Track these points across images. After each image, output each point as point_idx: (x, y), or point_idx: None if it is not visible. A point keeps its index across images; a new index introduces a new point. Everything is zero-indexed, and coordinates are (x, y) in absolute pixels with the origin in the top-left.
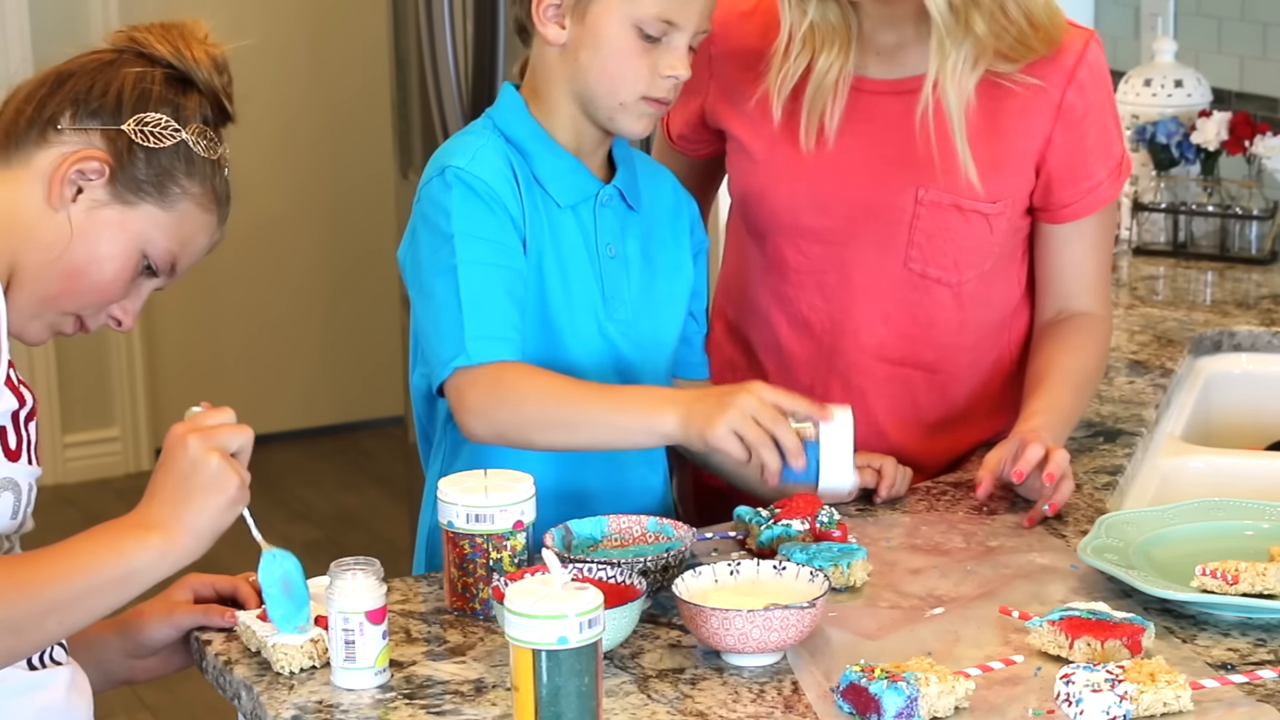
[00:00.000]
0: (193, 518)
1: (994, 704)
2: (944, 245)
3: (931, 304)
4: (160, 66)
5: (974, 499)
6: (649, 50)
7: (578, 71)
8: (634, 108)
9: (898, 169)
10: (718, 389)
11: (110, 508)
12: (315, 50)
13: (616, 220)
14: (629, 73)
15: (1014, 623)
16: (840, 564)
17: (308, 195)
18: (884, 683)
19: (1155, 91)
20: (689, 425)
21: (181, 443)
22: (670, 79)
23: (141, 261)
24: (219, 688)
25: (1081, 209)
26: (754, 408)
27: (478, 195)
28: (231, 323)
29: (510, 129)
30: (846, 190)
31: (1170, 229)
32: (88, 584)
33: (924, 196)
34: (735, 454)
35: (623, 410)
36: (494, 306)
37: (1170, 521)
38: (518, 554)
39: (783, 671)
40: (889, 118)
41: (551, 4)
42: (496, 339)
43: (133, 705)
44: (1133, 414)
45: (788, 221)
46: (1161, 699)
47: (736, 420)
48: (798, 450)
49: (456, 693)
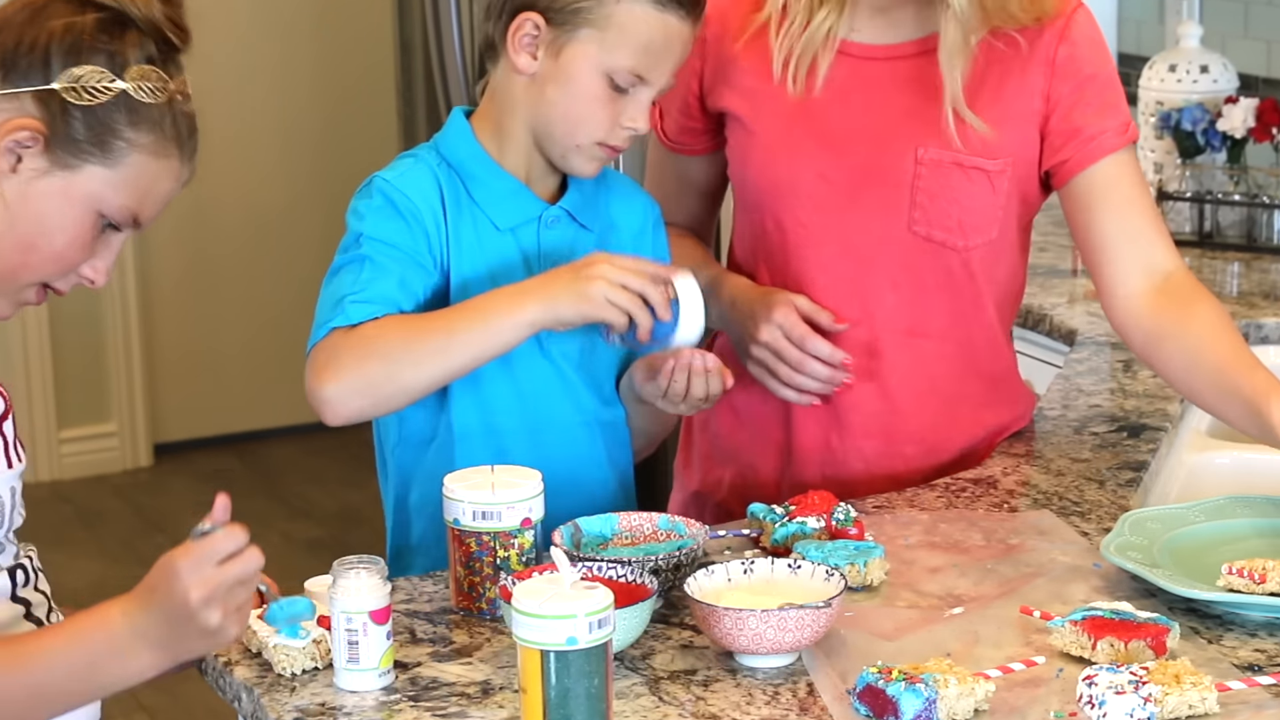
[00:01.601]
0: (178, 656)
1: (1015, 706)
2: (947, 205)
3: (940, 270)
4: (91, 9)
5: (995, 495)
6: (615, 100)
7: (540, 105)
8: (588, 150)
9: (896, 130)
10: (563, 268)
11: (107, 505)
12: (318, 35)
13: (564, 241)
14: (591, 119)
15: (1035, 623)
16: (857, 562)
17: (310, 184)
18: (902, 684)
19: (1180, 77)
20: (555, 305)
21: (184, 597)
22: (629, 130)
23: (99, 222)
24: (218, 690)
25: (1093, 152)
26: (616, 274)
27: (395, 208)
28: (231, 314)
29: (452, 153)
30: (846, 155)
31: (1196, 219)
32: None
33: (924, 156)
34: (617, 321)
35: (484, 315)
36: (383, 282)
37: (1196, 519)
38: (525, 552)
39: (798, 673)
40: (882, 82)
41: (528, 33)
42: (375, 301)
43: (130, 707)
44: (1157, 408)
45: (787, 191)
46: (1187, 701)
47: (606, 288)
48: (665, 304)
49: (463, 695)
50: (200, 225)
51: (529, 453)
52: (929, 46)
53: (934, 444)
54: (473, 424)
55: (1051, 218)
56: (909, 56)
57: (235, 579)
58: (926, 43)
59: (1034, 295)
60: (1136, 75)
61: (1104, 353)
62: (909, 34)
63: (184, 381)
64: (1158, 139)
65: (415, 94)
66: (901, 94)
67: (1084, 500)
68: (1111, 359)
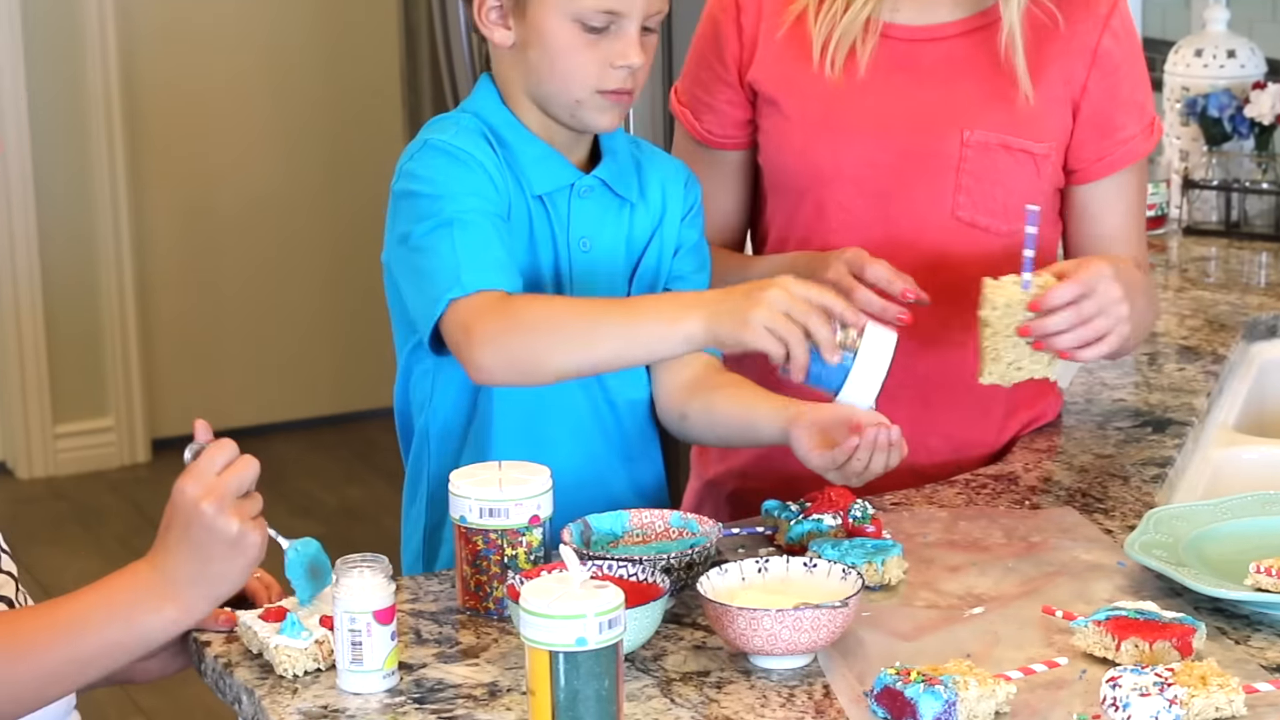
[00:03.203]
0: (212, 585)
1: (1036, 708)
2: (992, 188)
3: (981, 257)
4: None
5: (1016, 492)
6: (596, 43)
7: (529, 72)
8: (591, 102)
9: (941, 113)
10: (741, 287)
11: (104, 502)
12: (321, 21)
13: (597, 212)
14: (578, 69)
15: (1058, 623)
16: (874, 561)
17: (311, 174)
18: (920, 686)
19: (1206, 62)
20: (716, 326)
21: (195, 508)
22: (623, 69)
23: None
24: (218, 691)
25: (1116, 161)
26: (785, 302)
27: (461, 161)
28: (230, 307)
29: (486, 117)
30: (890, 138)
31: (1222, 207)
32: (94, 652)
33: (970, 138)
34: (773, 351)
35: (641, 316)
36: (490, 248)
37: (1222, 516)
38: (534, 550)
39: (813, 674)
40: (926, 64)
41: (492, 6)
42: (493, 269)
43: (128, 709)
44: (1183, 403)
45: (831, 175)
46: (1213, 703)
47: (768, 316)
48: (832, 344)
49: (469, 697)
50: (199, 213)
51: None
52: (971, 26)
53: (963, 440)
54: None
55: None
56: (951, 37)
57: (239, 483)
58: (969, 22)
59: None
60: (1162, 60)
61: None
62: (950, 14)
63: (183, 375)
64: (1183, 126)
65: (420, 80)
66: (946, 75)
67: (1108, 497)
68: (1136, 352)
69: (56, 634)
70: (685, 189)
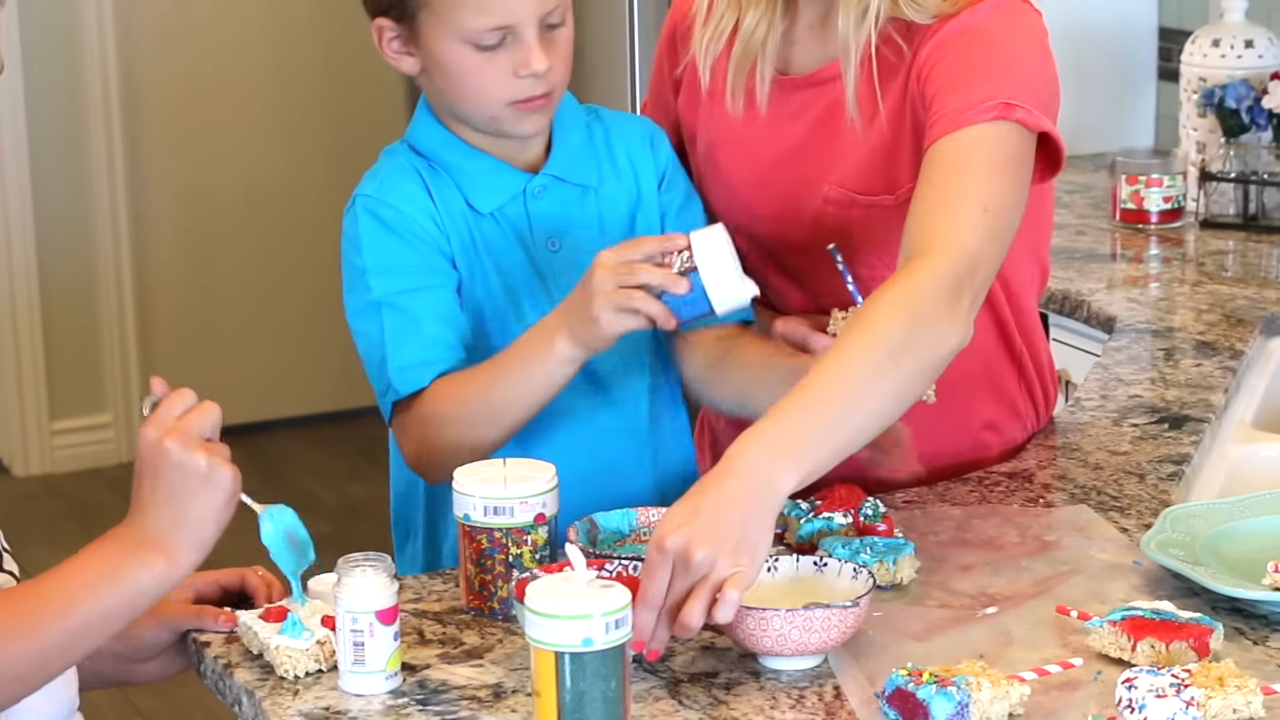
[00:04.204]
0: (193, 528)
1: (1051, 710)
2: (860, 240)
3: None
4: None
5: (1030, 490)
6: (493, 58)
7: (441, 95)
8: (506, 115)
9: (807, 162)
10: (574, 290)
11: (101, 499)
12: (322, 8)
13: (559, 208)
14: (483, 87)
15: (1072, 623)
16: (886, 560)
17: (313, 166)
18: (933, 688)
19: (1224, 52)
20: (575, 337)
21: (160, 449)
22: (528, 77)
23: None
24: (218, 693)
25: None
26: (610, 278)
27: (386, 225)
28: (230, 301)
29: (423, 143)
30: (764, 189)
31: (1240, 200)
32: (88, 619)
33: (829, 193)
34: (636, 325)
35: (523, 364)
36: (416, 334)
37: (1240, 514)
38: (539, 549)
39: (824, 675)
40: (800, 108)
41: (391, 37)
42: (419, 365)
43: (126, 711)
44: (1200, 399)
45: (733, 218)
46: (1231, 705)
47: (606, 301)
48: (670, 280)
49: (473, 698)
50: (199, 206)
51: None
52: (833, 74)
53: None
54: None
55: (1090, 199)
56: (829, 81)
57: (200, 424)
58: (829, 70)
59: (1071, 280)
60: (1178, 50)
61: (1144, 340)
62: (815, 62)
63: (182, 370)
64: (1200, 117)
65: None
66: (814, 123)
67: (1123, 495)
68: (1152, 347)
69: (46, 608)
70: (652, 150)
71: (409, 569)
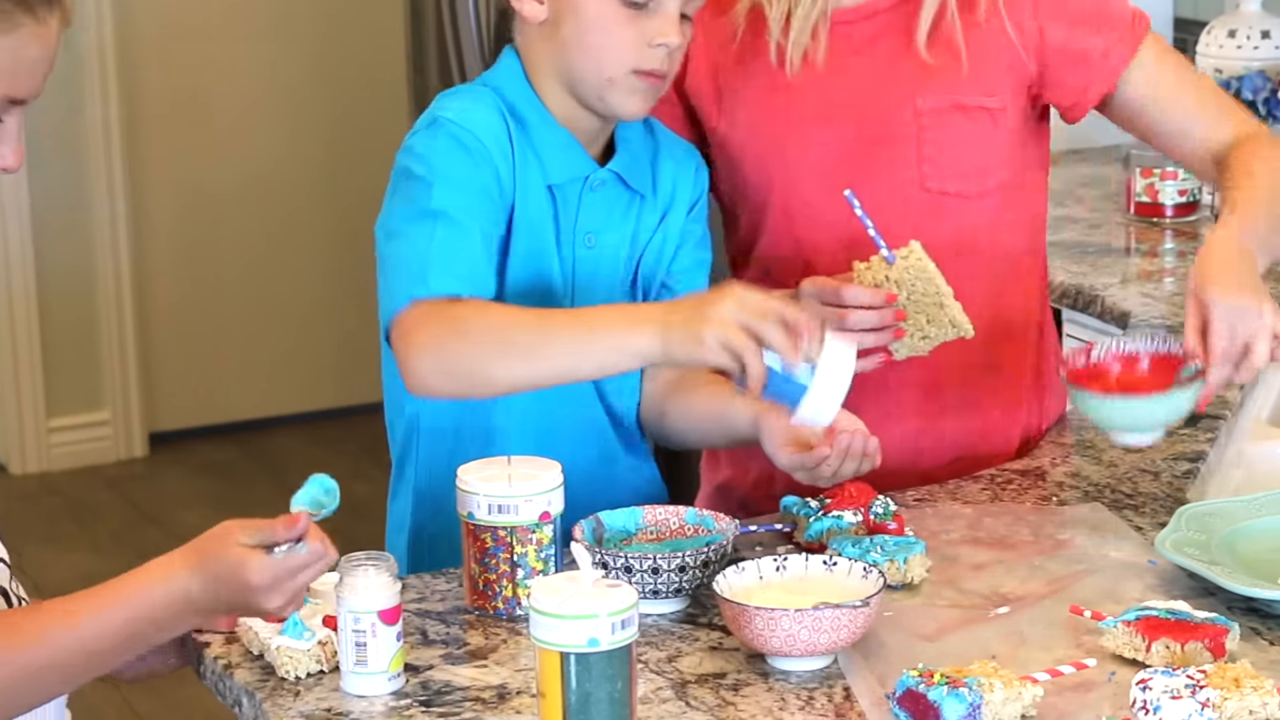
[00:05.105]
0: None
1: (1064, 711)
2: (957, 152)
3: (957, 227)
4: None
5: (1043, 487)
6: (635, 18)
7: (562, 48)
8: (624, 83)
9: (888, 86)
10: (691, 299)
11: (99, 498)
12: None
13: (606, 207)
14: (614, 44)
15: (1086, 623)
16: (896, 559)
17: (314, 158)
18: (944, 689)
19: (1240, 43)
20: (669, 343)
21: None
22: (661, 47)
23: None
24: (218, 694)
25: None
26: (737, 314)
27: (464, 147)
28: (230, 295)
29: (507, 94)
30: (845, 124)
31: None
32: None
33: (923, 105)
34: (729, 367)
35: (591, 330)
36: (466, 251)
37: (1257, 513)
38: (544, 548)
39: (833, 676)
40: (865, 44)
41: None
42: (465, 275)
43: (124, 713)
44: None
45: (792, 175)
46: (1247, 706)
47: (721, 331)
48: (792, 350)
49: (477, 699)
50: (198, 199)
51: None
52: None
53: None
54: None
55: (1104, 192)
56: (883, 11)
57: (308, 582)
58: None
59: (1085, 275)
60: (1194, 41)
61: (1159, 336)
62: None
63: (181, 367)
64: None
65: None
66: (887, 49)
67: (1138, 493)
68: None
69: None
70: (695, 176)
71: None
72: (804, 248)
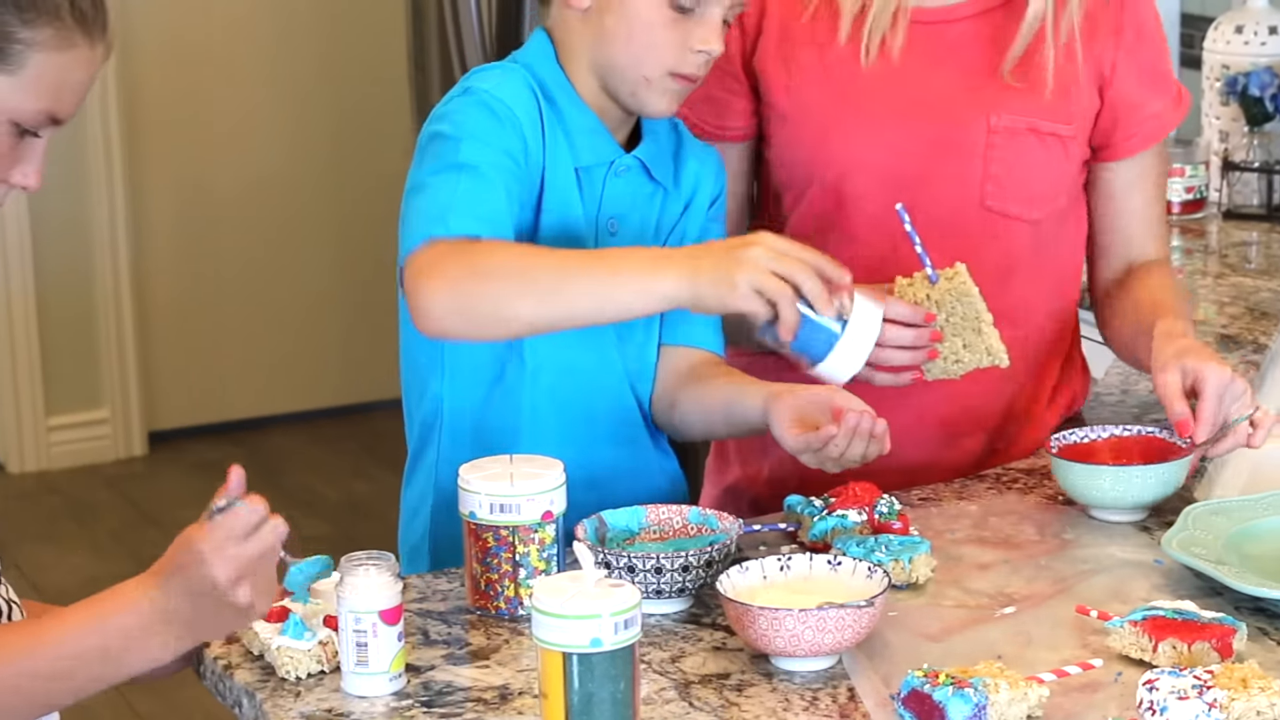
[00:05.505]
0: (200, 634)
1: (1070, 712)
2: (1023, 176)
3: (1010, 248)
4: None
5: (1049, 486)
6: (680, 21)
7: (601, 39)
8: (660, 83)
9: (964, 97)
10: (719, 243)
11: (98, 497)
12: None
13: (630, 194)
14: (657, 45)
15: (1092, 623)
16: (901, 558)
17: (315, 157)
18: (949, 689)
19: (1248, 39)
20: (698, 286)
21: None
22: (702, 54)
23: (13, 131)
24: (218, 694)
25: (1147, 137)
26: (770, 259)
27: (495, 114)
28: (230, 293)
29: (538, 72)
30: (916, 126)
31: (1264, 190)
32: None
33: (997, 123)
34: (760, 313)
35: (615, 272)
36: (490, 197)
37: (1264, 512)
38: (546, 548)
39: (838, 677)
40: (947, 47)
41: None
42: (483, 219)
43: (124, 713)
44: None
45: (852, 165)
46: (1254, 707)
47: (754, 275)
48: (825, 298)
49: (479, 700)
50: (197, 198)
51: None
52: (992, 4)
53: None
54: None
55: None
56: (971, 17)
57: (260, 553)
58: (989, 1)
59: None
60: (1201, 37)
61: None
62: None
63: (180, 365)
64: (1223, 105)
65: (428, 59)
66: (968, 58)
67: None
68: None
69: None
70: (716, 177)
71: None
72: (857, 241)
